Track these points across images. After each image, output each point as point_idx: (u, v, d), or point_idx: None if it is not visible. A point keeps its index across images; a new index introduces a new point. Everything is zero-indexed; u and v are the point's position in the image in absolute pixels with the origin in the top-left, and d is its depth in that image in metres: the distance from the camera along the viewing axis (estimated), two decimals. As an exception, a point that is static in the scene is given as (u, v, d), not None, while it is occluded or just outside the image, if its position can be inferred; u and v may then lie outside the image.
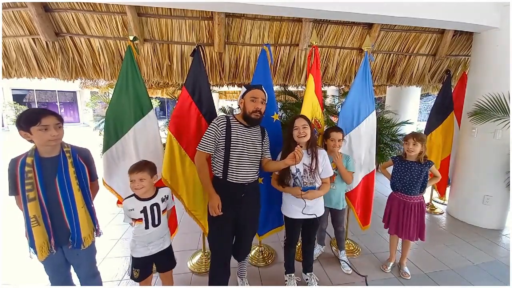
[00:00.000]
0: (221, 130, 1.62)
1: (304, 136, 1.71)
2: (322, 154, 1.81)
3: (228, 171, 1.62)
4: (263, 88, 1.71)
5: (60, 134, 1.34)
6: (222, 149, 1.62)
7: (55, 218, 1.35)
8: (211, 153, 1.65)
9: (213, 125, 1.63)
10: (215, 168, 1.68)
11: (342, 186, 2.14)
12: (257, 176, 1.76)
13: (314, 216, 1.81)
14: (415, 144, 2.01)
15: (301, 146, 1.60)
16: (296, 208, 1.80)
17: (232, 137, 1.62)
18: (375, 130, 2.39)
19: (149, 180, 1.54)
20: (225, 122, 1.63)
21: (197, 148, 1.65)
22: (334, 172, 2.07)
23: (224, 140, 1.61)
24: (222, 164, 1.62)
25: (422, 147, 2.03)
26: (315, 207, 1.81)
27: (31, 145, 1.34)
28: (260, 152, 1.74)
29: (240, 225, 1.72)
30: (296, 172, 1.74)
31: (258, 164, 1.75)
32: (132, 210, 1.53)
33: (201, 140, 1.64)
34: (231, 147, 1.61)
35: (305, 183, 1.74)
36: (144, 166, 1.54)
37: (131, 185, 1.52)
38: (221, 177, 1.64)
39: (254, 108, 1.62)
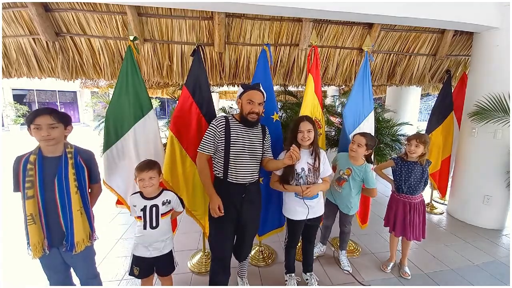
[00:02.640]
0: (220, 130, 1.61)
1: (308, 140, 1.73)
2: (323, 154, 1.83)
3: (228, 171, 1.62)
4: (261, 88, 1.68)
5: (53, 134, 1.32)
6: (222, 149, 1.61)
7: (51, 218, 1.35)
8: (211, 154, 1.65)
9: (212, 126, 1.63)
10: (216, 168, 1.69)
11: (350, 193, 2.06)
12: (257, 176, 1.75)
13: (316, 215, 1.85)
14: (417, 146, 2.00)
15: (298, 146, 1.63)
16: (299, 209, 1.80)
17: (231, 137, 1.61)
18: (373, 130, 2.41)
19: (158, 179, 1.57)
20: (224, 122, 1.63)
21: (198, 150, 1.66)
22: (344, 178, 2.07)
23: (223, 141, 1.60)
24: (222, 164, 1.62)
25: (425, 149, 2.00)
26: (316, 207, 1.83)
27: (29, 145, 1.35)
28: (261, 152, 1.73)
29: (241, 225, 1.71)
30: (301, 171, 1.76)
31: (259, 163, 1.74)
32: (135, 206, 1.55)
33: (201, 142, 1.64)
34: (231, 147, 1.60)
35: (309, 182, 1.76)
36: (153, 165, 1.57)
37: (140, 184, 1.52)
38: (222, 177, 1.64)
39: (251, 110, 1.61)
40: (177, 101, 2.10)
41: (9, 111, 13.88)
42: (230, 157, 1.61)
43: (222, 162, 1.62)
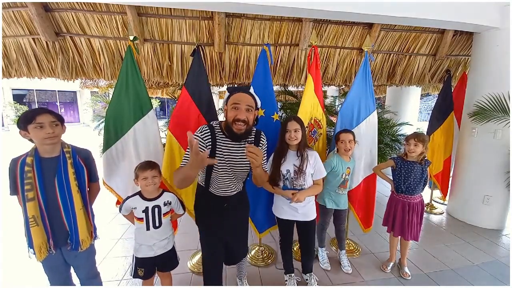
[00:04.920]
0: (206, 143, 1.37)
1: (295, 140, 1.71)
2: (314, 155, 1.79)
3: (210, 184, 1.49)
4: (253, 91, 1.42)
5: (57, 132, 1.33)
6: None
7: (54, 219, 1.35)
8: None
9: (196, 139, 1.35)
10: (199, 176, 1.55)
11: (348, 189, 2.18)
12: (242, 187, 1.62)
13: (307, 219, 1.82)
14: (416, 145, 2.00)
15: (287, 146, 1.67)
16: (286, 209, 1.80)
17: (216, 153, 1.39)
18: (376, 131, 2.38)
19: (159, 178, 1.59)
20: (209, 134, 1.38)
21: (181, 165, 1.35)
22: (347, 179, 2.09)
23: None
24: (205, 176, 1.48)
25: (424, 147, 2.00)
26: (304, 210, 1.80)
27: (31, 144, 1.34)
28: (249, 168, 1.48)
29: (229, 230, 1.60)
30: (287, 173, 1.74)
31: (245, 178, 1.59)
32: (135, 208, 1.55)
33: (184, 155, 1.35)
34: (214, 165, 1.40)
35: (294, 185, 1.74)
36: (155, 165, 1.59)
37: (143, 183, 1.53)
38: (204, 186, 1.51)
39: (235, 116, 1.31)
40: (177, 101, 2.10)
41: (9, 111, 13.90)
42: (213, 173, 1.43)
43: (205, 175, 1.47)
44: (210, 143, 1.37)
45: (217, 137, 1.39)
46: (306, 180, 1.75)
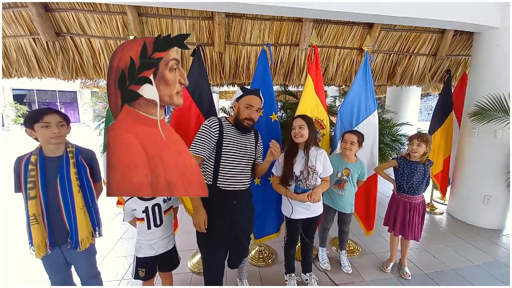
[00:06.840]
0: (215, 132, 1.50)
1: (301, 137, 1.70)
2: (323, 154, 1.80)
3: (219, 177, 1.52)
4: (260, 94, 1.61)
5: (63, 132, 1.35)
6: (213, 153, 1.52)
7: (54, 217, 1.36)
8: (204, 157, 1.51)
9: (205, 127, 1.50)
10: (204, 174, 1.57)
11: (351, 192, 2.13)
12: (249, 183, 1.66)
13: (316, 215, 1.83)
14: (419, 145, 2.00)
15: (296, 145, 1.64)
16: (298, 209, 1.79)
17: (224, 141, 1.51)
18: (377, 131, 2.37)
19: None
20: (218, 125, 1.52)
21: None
22: (344, 179, 2.08)
23: (215, 144, 1.51)
24: (213, 170, 1.53)
25: (427, 148, 2.00)
26: (315, 207, 1.82)
27: (31, 144, 1.35)
28: (253, 158, 1.65)
29: (232, 235, 1.61)
30: (300, 174, 1.73)
31: (251, 170, 1.66)
32: (135, 210, 1.55)
33: (193, 143, 1.49)
34: (223, 152, 1.51)
35: (308, 185, 1.74)
36: None
37: None
38: (211, 183, 1.53)
39: (248, 115, 1.53)
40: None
41: (9, 111, 13.91)
42: (222, 162, 1.51)
43: (212, 167, 1.53)
44: (218, 132, 1.51)
45: (224, 128, 1.54)
46: (317, 180, 1.77)
